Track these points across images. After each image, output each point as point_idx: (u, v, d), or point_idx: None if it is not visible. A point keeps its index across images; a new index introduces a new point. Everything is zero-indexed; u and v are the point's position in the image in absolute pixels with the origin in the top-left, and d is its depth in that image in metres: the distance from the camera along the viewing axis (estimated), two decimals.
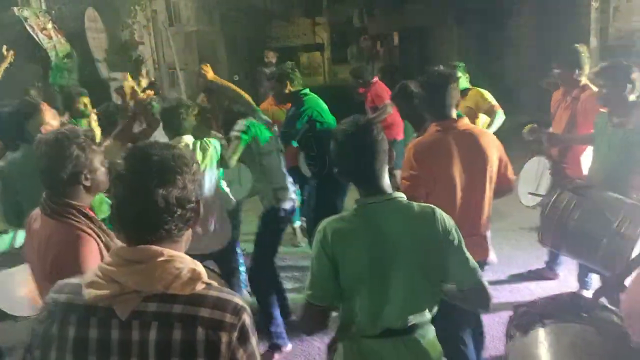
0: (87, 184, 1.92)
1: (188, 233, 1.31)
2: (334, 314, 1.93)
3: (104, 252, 1.87)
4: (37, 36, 8.36)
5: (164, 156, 1.24)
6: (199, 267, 1.24)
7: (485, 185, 2.70)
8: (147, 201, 1.20)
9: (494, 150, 2.72)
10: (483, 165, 2.68)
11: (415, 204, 1.86)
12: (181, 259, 1.23)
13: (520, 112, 10.56)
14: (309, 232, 4.93)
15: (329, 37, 20.20)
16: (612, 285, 2.27)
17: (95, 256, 1.84)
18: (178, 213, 1.23)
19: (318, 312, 1.83)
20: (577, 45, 3.98)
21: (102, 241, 1.89)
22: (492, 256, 4.37)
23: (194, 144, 3.37)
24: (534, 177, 4.13)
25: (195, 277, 1.21)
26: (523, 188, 4.25)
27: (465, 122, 2.78)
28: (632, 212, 2.65)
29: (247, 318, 1.23)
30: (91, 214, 1.94)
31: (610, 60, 3.41)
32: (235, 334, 1.20)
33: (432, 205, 1.88)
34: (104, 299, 1.19)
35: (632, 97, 3.19)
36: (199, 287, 1.22)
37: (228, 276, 3.66)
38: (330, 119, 4.16)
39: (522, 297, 4.13)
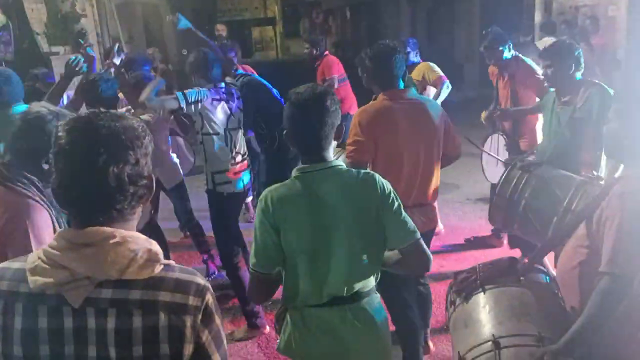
0: (46, 167, 1.84)
1: (139, 210, 1.21)
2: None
3: (57, 226, 1.82)
4: None
5: (113, 129, 1.12)
6: (155, 247, 1.15)
7: (433, 155, 2.75)
8: (96, 180, 1.09)
9: (441, 119, 2.78)
10: (430, 134, 2.73)
11: (354, 170, 1.89)
12: (135, 239, 1.13)
13: (469, 88, 10.78)
14: None
15: (280, 11, 19.83)
16: (548, 251, 2.38)
17: (49, 227, 1.79)
18: (130, 191, 1.13)
19: (264, 281, 1.85)
20: (491, 27, 4.21)
21: (53, 215, 1.84)
22: (440, 225, 4.52)
23: None
24: (495, 154, 4.21)
25: (152, 258, 1.13)
26: (487, 166, 4.35)
27: (412, 92, 2.82)
28: (581, 189, 2.66)
29: (210, 297, 1.16)
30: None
31: (554, 40, 3.49)
32: (200, 316, 1.13)
33: (371, 172, 1.92)
34: (53, 286, 1.09)
35: (578, 75, 3.25)
36: (157, 269, 1.13)
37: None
38: (274, 93, 4.16)
39: (468, 264, 4.21)
